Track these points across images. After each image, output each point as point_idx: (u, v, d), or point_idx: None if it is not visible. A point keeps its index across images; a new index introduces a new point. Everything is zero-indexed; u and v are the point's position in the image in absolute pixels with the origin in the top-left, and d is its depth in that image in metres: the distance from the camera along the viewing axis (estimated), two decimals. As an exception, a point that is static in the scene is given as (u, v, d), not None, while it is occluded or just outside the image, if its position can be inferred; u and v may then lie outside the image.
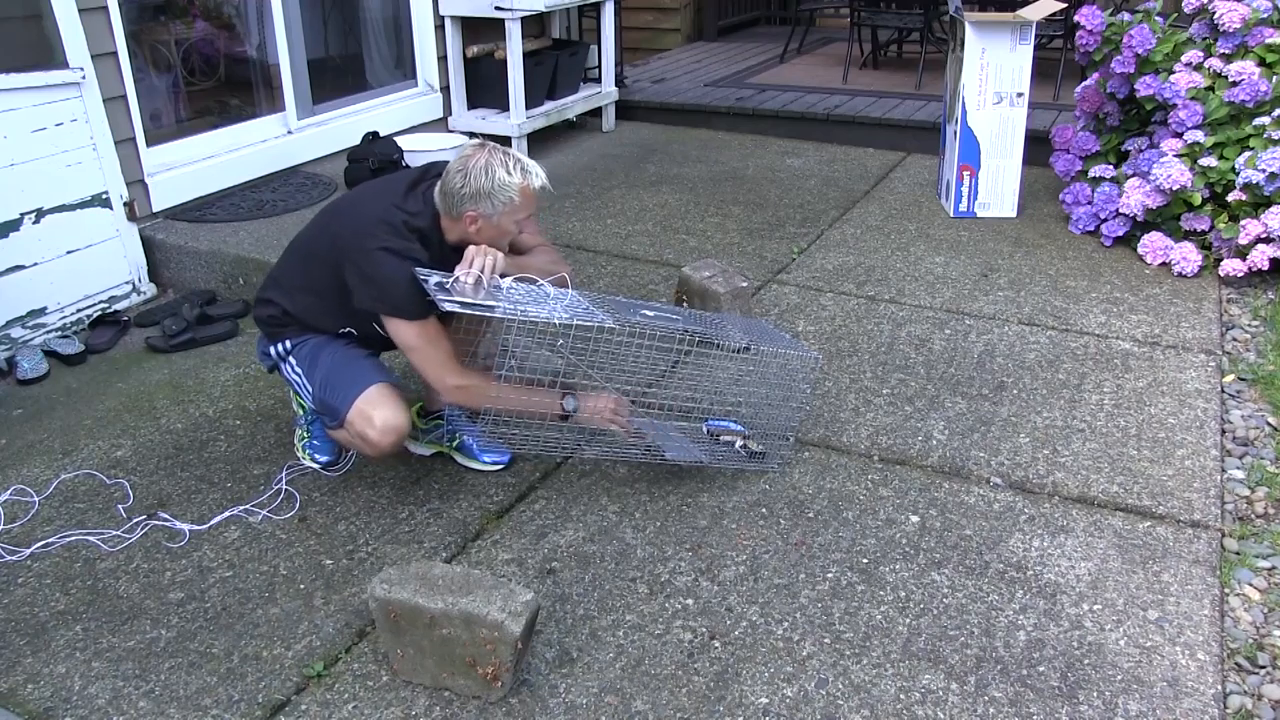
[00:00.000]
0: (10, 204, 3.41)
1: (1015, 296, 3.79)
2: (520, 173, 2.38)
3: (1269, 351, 3.36)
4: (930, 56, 6.69)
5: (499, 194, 2.35)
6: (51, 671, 2.09)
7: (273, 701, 2.01)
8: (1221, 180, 3.86)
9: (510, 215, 2.40)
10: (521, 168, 2.39)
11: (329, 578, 2.36)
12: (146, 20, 4.18)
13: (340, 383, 2.47)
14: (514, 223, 2.42)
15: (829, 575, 2.34)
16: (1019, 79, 4.37)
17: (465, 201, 2.36)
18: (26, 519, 2.58)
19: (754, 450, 2.75)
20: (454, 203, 2.37)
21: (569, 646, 2.14)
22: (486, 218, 2.38)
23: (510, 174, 2.36)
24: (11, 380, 3.31)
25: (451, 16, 5.32)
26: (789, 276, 4.00)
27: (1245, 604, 2.26)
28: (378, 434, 2.40)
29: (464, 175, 2.35)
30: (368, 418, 2.40)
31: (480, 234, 2.41)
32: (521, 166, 2.39)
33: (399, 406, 2.43)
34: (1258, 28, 3.97)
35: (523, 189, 2.38)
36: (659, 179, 5.23)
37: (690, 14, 8.46)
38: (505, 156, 2.38)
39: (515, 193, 2.36)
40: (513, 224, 2.42)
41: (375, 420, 2.40)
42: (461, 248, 2.42)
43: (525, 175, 2.39)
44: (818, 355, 2.80)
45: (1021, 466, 2.75)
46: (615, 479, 2.71)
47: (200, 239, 3.90)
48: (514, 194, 2.36)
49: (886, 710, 1.98)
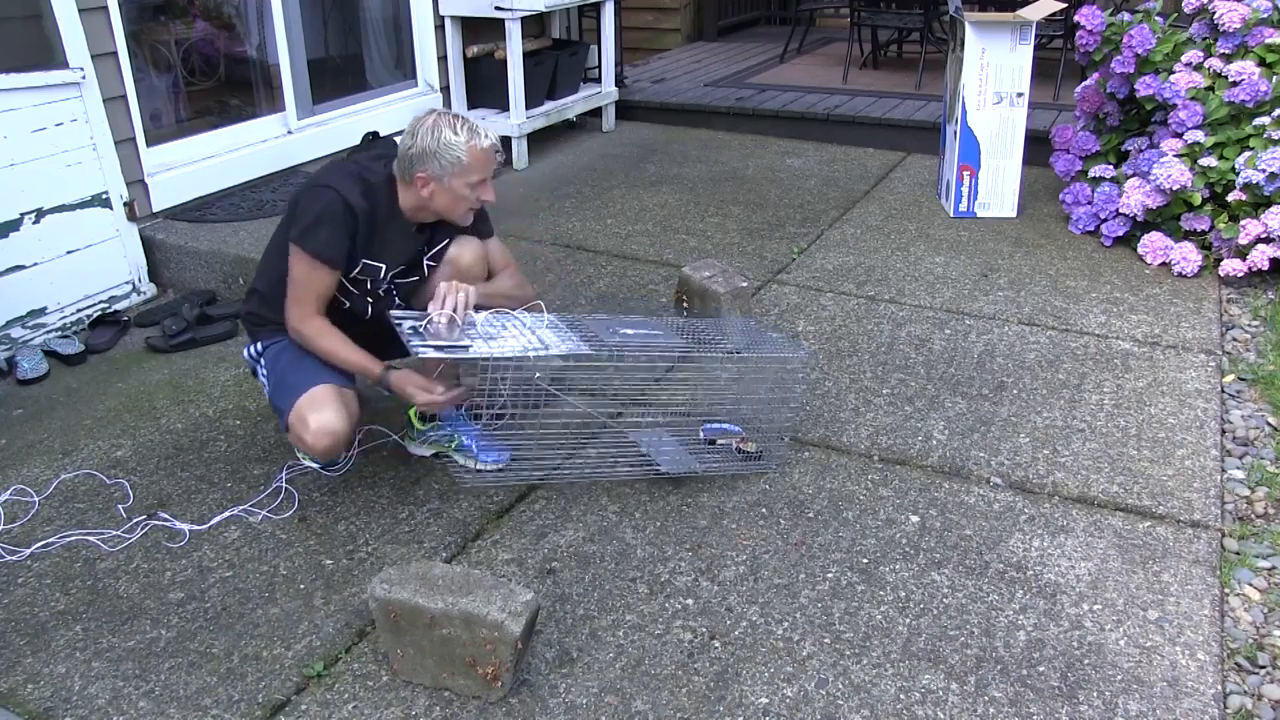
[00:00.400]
0: (10, 204, 3.41)
1: (1015, 296, 3.79)
2: (468, 132, 2.35)
3: (1269, 351, 3.36)
4: (930, 56, 6.69)
5: (445, 153, 2.33)
6: (51, 671, 2.09)
7: (273, 701, 2.01)
8: (1221, 180, 3.86)
9: (460, 177, 2.37)
10: (469, 128, 2.36)
11: (329, 578, 2.36)
12: (146, 20, 4.18)
13: (286, 385, 2.46)
14: (466, 186, 2.39)
15: (829, 575, 2.34)
16: (1019, 79, 4.37)
17: (415, 163, 2.35)
18: (26, 519, 2.58)
19: (749, 452, 2.75)
20: (405, 166, 2.37)
21: (569, 646, 2.14)
22: (437, 179, 2.37)
23: (457, 134, 2.34)
24: (11, 380, 3.31)
25: (451, 16, 5.32)
26: (789, 276, 4.00)
27: (1245, 604, 2.26)
28: (311, 436, 2.37)
29: (412, 136, 2.35)
30: (304, 420, 2.38)
31: (434, 199, 2.40)
32: (469, 127, 2.36)
33: (337, 410, 2.38)
34: (1258, 28, 3.97)
35: (470, 148, 2.35)
36: (659, 179, 5.23)
37: (690, 14, 8.46)
38: (455, 119, 2.36)
39: (462, 152, 2.34)
40: (465, 188, 2.39)
41: (310, 423, 2.37)
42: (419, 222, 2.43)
43: (473, 135, 2.36)
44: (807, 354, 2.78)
45: (1021, 466, 2.75)
46: (615, 479, 2.71)
47: (200, 239, 3.90)
48: (460, 153, 2.34)
49: (886, 710, 1.98)
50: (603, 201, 4.87)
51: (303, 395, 2.40)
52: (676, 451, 2.70)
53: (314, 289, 2.40)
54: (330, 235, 2.35)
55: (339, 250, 2.37)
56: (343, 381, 2.48)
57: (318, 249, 2.36)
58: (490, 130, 2.42)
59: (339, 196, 2.35)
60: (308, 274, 2.38)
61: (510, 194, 5.00)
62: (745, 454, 2.75)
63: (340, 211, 2.34)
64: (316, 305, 2.42)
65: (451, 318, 2.33)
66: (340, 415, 2.39)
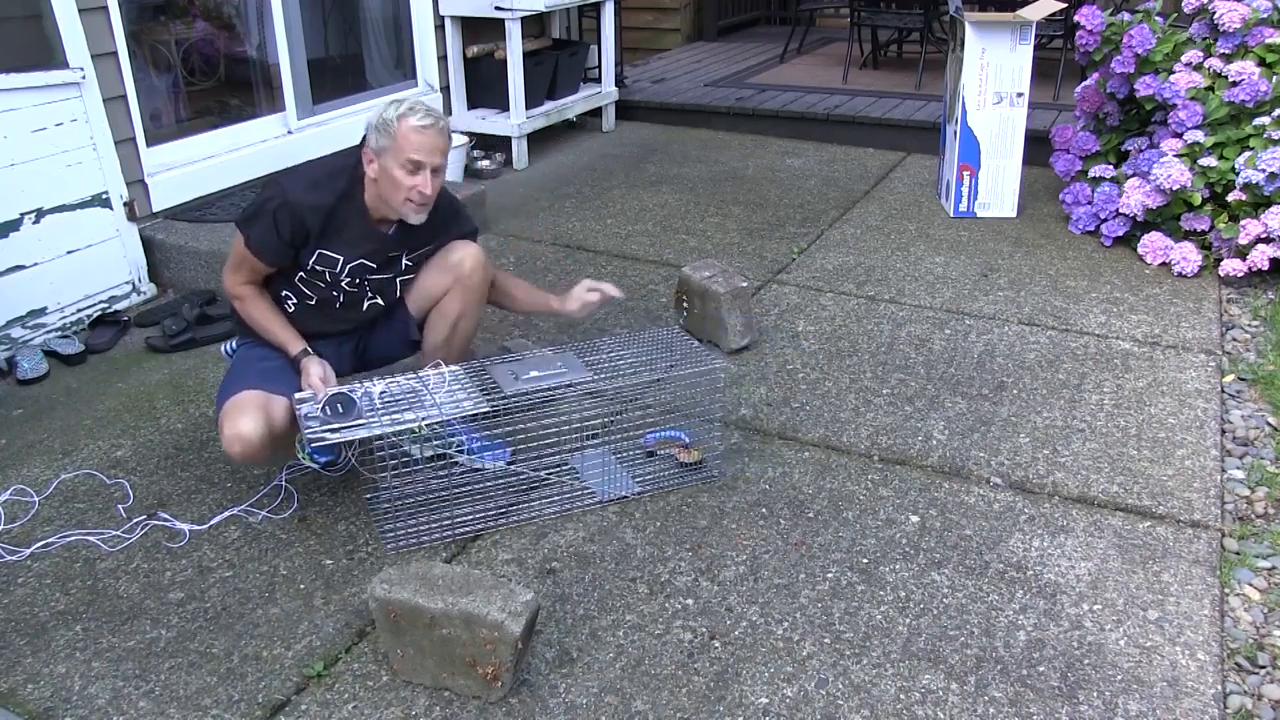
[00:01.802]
0: (10, 204, 3.41)
1: (1015, 296, 3.79)
2: (405, 109, 2.35)
3: (1269, 351, 3.36)
4: (930, 56, 6.69)
5: (382, 127, 2.35)
6: (51, 671, 2.09)
7: (273, 701, 2.01)
8: (1221, 180, 3.86)
9: (393, 156, 2.36)
10: (409, 107, 2.36)
11: (329, 578, 2.36)
12: (146, 20, 4.18)
13: (226, 383, 2.48)
14: (399, 167, 2.36)
15: (829, 575, 2.34)
16: (1019, 79, 4.37)
17: (366, 140, 2.40)
18: (26, 519, 2.58)
19: (688, 462, 2.71)
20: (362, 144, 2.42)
21: (569, 646, 2.14)
22: (378, 155, 2.38)
23: (394, 110, 2.35)
24: (11, 380, 3.31)
25: (451, 16, 5.32)
26: (789, 276, 4.00)
27: (1245, 604, 2.26)
28: (225, 441, 2.34)
29: (369, 123, 2.40)
30: (221, 423, 2.37)
31: (379, 182, 2.41)
32: (410, 106, 2.36)
33: (254, 418, 2.33)
34: (1258, 28, 3.97)
35: (402, 122, 2.34)
36: (659, 179, 5.23)
37: (690, 14, 8.46)
38: (406, 104, 2.37)
39: (394, 125, 2.34)
40: (399, 170, 2.36)
41: (225, 428, 2.35)
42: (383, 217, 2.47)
43: (409, 114, 2.35)
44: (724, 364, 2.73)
45: (1021, 466, 2.75)
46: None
47: (200, 239, 3.90)
48: (393, 127, 2.34)
49: (886, 710, 1.98)
50: (603, 201, 4.87)
51: (232, 398, 2.39)
52: (611, 471, 2.67)
53: (246, 266, 2.49)
54: (263, 230, 2.41)
55: (268, 245, 2.42)
56: (283, 389, 2.43)
57: (249, 238, 2.44)
58: (442, 119, 2.40)
59: (282, 195, 2.40)
60: (242, 254, 2.47)
61: (510, 194, 5.00)
62: (684, 465, 2.71)
63: (277, 210, 2.39)
64: (249, 277, 2.50)
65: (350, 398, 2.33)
66: (256, 423, 2.32)
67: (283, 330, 2.51)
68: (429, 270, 2.68)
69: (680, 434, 2.79)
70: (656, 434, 2.80)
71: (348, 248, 2.50)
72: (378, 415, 2.31)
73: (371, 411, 2.32)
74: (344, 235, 2.48)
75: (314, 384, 2.39)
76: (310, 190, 2.42)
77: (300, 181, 2.45)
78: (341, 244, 2.48)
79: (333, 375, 2.46)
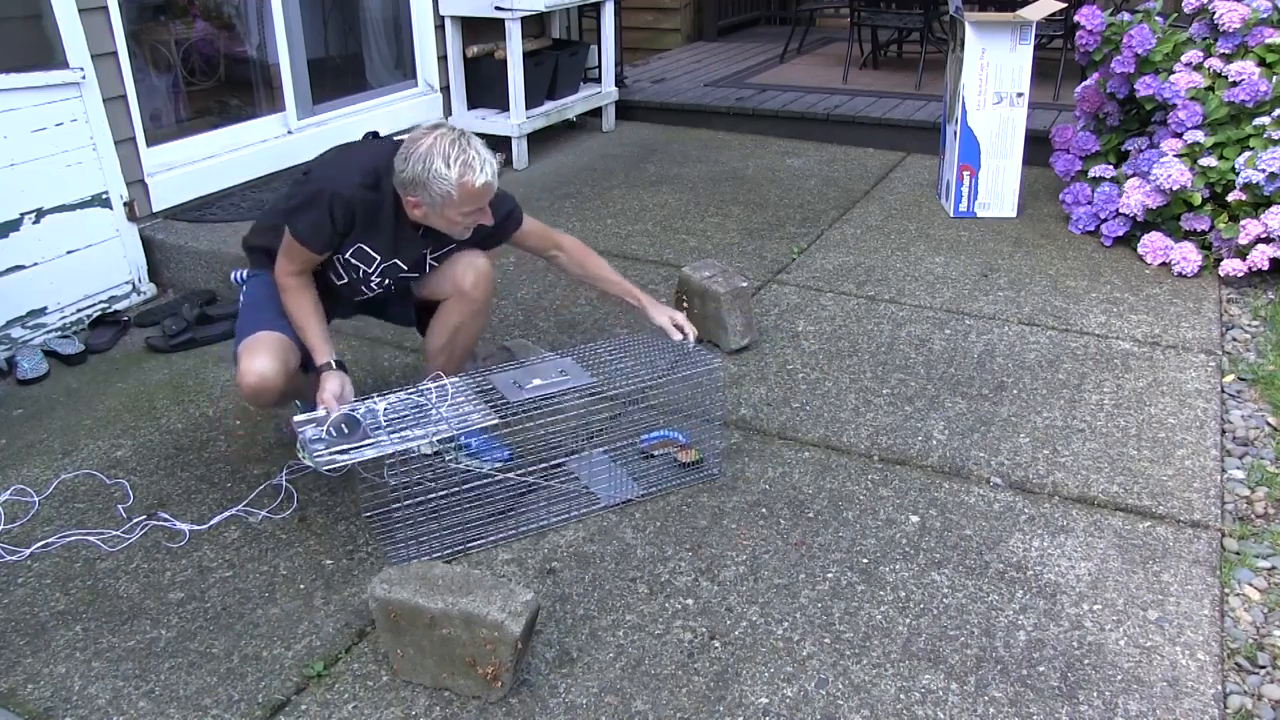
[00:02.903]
0: (10, 204, 3.41)
1: (1015, 296, 3.79)
2: (460, 167, 2.22)
3: (1269, 351, 3.36)
4: (930, 56, 6.69)
5: (434, 185, 2.23)
6: (51, 671, 2.09)
7: (273, 701, 2.01)
8: (1221, 180, 3.86)
9: (453, 209, 2.29)
10: (464, 161, 2.22)
11: (329, 578, 2.36)
12: (146, 20, 4.18)
13: (244, 321, 2.48)
14: (461, 215, 2.32)
15: (829, 575, 2.34)
16: (1019, 79, 4.37)
17: (406, 186, 2.29)
18: (26, 519, 2.58)
19: (687, 462, 2.71)
20: (398, 184, 2.32)
21: (569, 646, 2.14)
22: (429, 205, 2.30)
23: (449, 167, 2.21)
24: (11, 380, 3.31)
25: (451, 16, 5.32)
26: (789, 276, 4.00)
27: (1245, 604, 2.26)
28: (240, 375, 2.36)
29: (405, 159, 2.26)
30: (240, 358, 2.38)
31: (427, 219, 2.36)
32: (464, 160, 2.22)
33: (271, 357, 2.35)
34: (1258, 28, 3.97)
35: (461, 185, 2.23)
36: (659, 179, 5.23)
37: (690, 14, 8.45)
38: (452, 146, 2.23)
39: (452, 188, 2.23)
40: (460, 216, 2.32)
41: (242, 362, 2.36)
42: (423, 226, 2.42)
43: (466, 171, 2.22)
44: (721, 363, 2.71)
45: (1021, 466, 2.75)
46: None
47: (200, 239, 3.90)
48: (450, 189, 2.23)
49: (886, 710, 1.98)
50: (603, 201, 4.87)
51: (250, 336, 2.40)
52: (613, 474, 2.66)
53: (298, 256, 2.42)
54: (316, 219, 2.35)
55: (322, 233, 2.37)
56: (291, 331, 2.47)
57: (299, 229, 2.37)
58: (489, 161, 2.28)
59: (335, 188, 2.33)
60: (291, 245, 2.40)
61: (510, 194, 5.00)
62: (684, 465, 2.71)
63: (332, 200, 2.33)
64: (300, 266, 2.43)
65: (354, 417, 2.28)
66: (273, 364, 2.34)
67: (315, 335, 2.44)
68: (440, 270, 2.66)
69: (676, 434, 2.79)
70: (652, 435, 2.80)
71: (385, 248, 2.47)
72: (384, 433, 2.29)
73: (377, 429, 2.29)
74: (383, 235, 2.44)
75: (325, 400, 2.33)
76: (365, 188, 2.35)
77: (353, 176, 2.35)
78: (380, 243, 2.46)
79: (350, 392, 2.39)
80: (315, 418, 2.30)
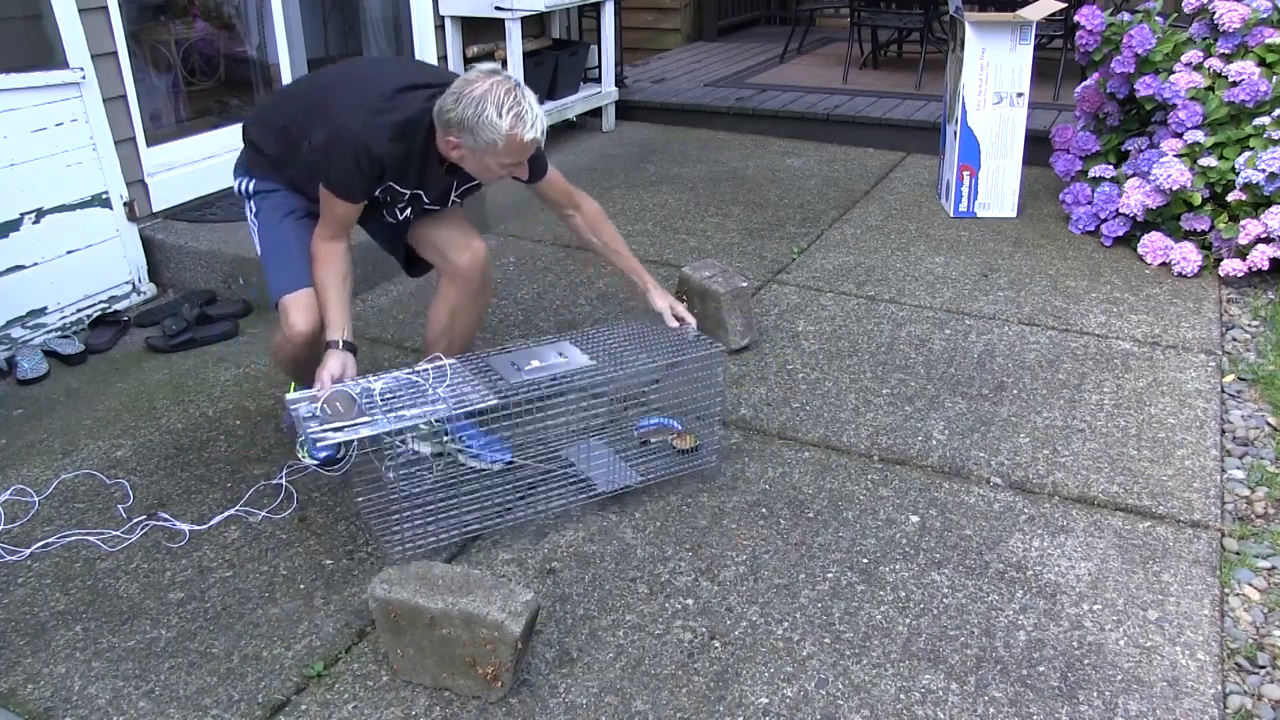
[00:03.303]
0: (10, 204, 3.41)
1: (1015, 296, 3.79)
2: (512, 118, 2.22)
3: (1269, 351, 3.36)
4: (930, 56, 6.69)
5: (483, 132, 2.23)
6: (51, 671, 2.09)
7: (273, 701, 2.01)
8: (1221, 180, 3.86)
9: (494, 157, 2.29)
10: (516, 113, 2.23)
11: (329, 578, 2.36)
12: (146, 20, 4.18)
13: (278, 266, 2.50)
14: (499, 165, 2.32)
15: (829, 575, 2.34)
16: (1019, 79, 4.37)
17: (450, 126, 2.28)
18: (26, 519, 2.58)
19: (684, 449, 2.71)
20: (440, 120, 2.30)
21: (569, 646, 2.14)
22: (469, 149, 2.30)
23: (501, 116, 2.21)
24: (11, 380, 3.31)
25: (451, 16, 5.32)
26: (789, 276, 4.00)
27: (1245, 604, 2.26)
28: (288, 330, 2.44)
29: (456, 99, 2.26)
30: (287, 313, 2.44)
31: (463, 162, 2.35)
32: (517, 112, 2.23)
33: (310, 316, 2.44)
34: (1258, 28, 3.97)
35: (509, 137, 2.23)
36: (659, 179, 5.23)
37: (690, 14, 8.46)
38: (507, 95, 2.22)
39: (500, 137, 2.23)
40: (497, 165, 2.32)
41: (290, 318, 2.44)
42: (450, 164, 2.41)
43: (517, 123, 2.23)
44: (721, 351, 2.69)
45: (1021, 466, 2.75)
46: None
47: (200, 239, 3.90)
48: (498, 138, 2.23)
49: (886, 710, 1.98)
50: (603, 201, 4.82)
51: (291, 294, 2.45)
52: (611, 462, 2.65)
53: (334, 214, 2.42)
54: (346, 173, 2.35)
55: (356, 185, 2.38)
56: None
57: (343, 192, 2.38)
58: (541, 118, 2.27)
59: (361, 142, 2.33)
60: (329, 201, 2.41)
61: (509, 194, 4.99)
62: (681, 451, 2.70)
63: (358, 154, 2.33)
64: (335, 229, 2.44)
65: (348, 394, 2.28)
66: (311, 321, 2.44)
67: (335, 309, 2.43)
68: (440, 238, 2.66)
69: (672, 422, 2.78)
70: (647, 423, 2.78)
71: (413, 184, 2.48)
72: (380, 412, 2.29)
73: (373, 409, 2.30)
74: (412, 175, 2.45)
75: (323, 378, 2.33)
76: (393, 141, 2.35)
77: (380, 133, 2.34)
78: (409, 181, 2.46)
79: (352, 374, 2.40)
80: (309, 395, 2.30)
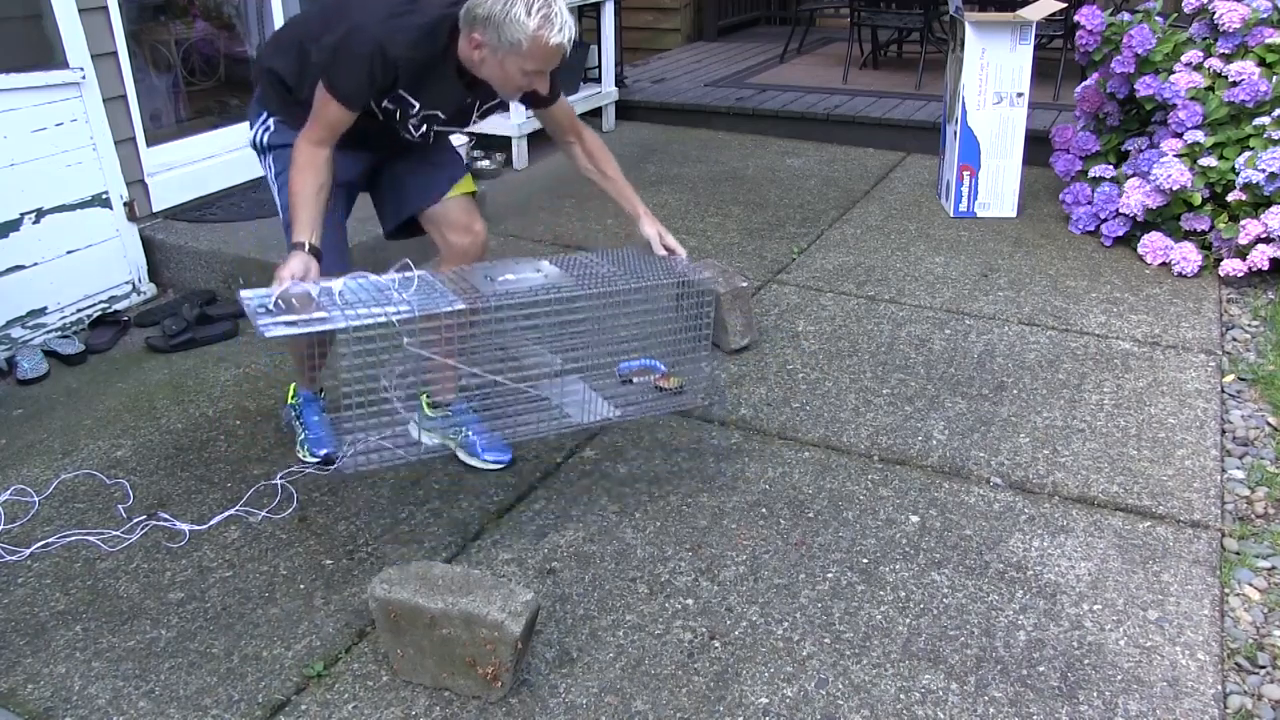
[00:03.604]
0: (10, 204, 3.41)
1: (1015, 296, 3.79)
2: (540, 19, 2.14)
3: (1269, 351, 3.36)
4: (930, 56, 6.69)
5: (508, 30, 2.14)
6: (51, 671, 2.09)
7: (273, 701, 2.01)
8: (1221, 180, 3.86)
9: (516, 60, 2.21)
10: (545, 15, 2.15)
11: (329, 578, 2.36)
12: (146, 20, 4.18)
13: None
14: (520, 72, 2.24)
15: (829, 575, 2.34)
16: (1019, 79, 4.37)
17: (476, 21, 2.20)
18: (26, 519, 2.58)
19: (669, 389, 2.61)
20: (467, 18, 2.22)
21: (569, 646, 2.14)
22: (491, 49, 2.22)
23: (530, 15, 2.13)
24: (11, 380, 3.31)
25: (451, 16, 5.31)
26: (789, 276, 4.00)
27: (1245, 604, 2.26)
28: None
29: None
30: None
31: (483, 66, 2.27)
32: (546, 14, 2.15)
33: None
34: (1258, 28, 3.97)
35: (535, 37, 2.15)
36: (659, 179, 5.23)
37: (690, 14, 8.46)
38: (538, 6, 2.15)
39: (525, 37, 2.14)
40: (518, 72, 2.24)
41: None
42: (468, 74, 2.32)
43: (545, 24, 2.15)
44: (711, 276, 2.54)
45: (1021, 466, 2.75)
46: (615, 479, 2.71)
47: (200, 239, 3.90)
48: (523, 37, 2.14)
49: (886, 710, 1.98)
50: (602, 202, 4.84)
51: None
52: (586, 396, 2.48)
53: (326, 117, 2.32)
54: (356, 78, 2.26)
55: (360, 94, 2.29)
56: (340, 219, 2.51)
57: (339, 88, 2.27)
58: (570, 24, 2.20)
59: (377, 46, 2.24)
60: (325, 103, 2.30)
61: (510, 194, 5.00)
62: (665, 391, 2.60)
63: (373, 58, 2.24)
64: (323, 134, 2.32)
65: (306, 292, 2.14)
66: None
67: (307, 214, 2.30)
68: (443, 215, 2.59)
69: (655, 363, 2.70)
70: (630, 363, 2.72)
71: (427, 99, 2.39)
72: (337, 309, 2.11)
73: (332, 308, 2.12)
74: (426, 86, 2.37)
75: (282, 276, 2.19)
76: (412, 46, 2.26)
77: (400, 35, 2.25)
78: (422, 93, 2.38)
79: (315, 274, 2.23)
80: (266, 292, 2.16)
